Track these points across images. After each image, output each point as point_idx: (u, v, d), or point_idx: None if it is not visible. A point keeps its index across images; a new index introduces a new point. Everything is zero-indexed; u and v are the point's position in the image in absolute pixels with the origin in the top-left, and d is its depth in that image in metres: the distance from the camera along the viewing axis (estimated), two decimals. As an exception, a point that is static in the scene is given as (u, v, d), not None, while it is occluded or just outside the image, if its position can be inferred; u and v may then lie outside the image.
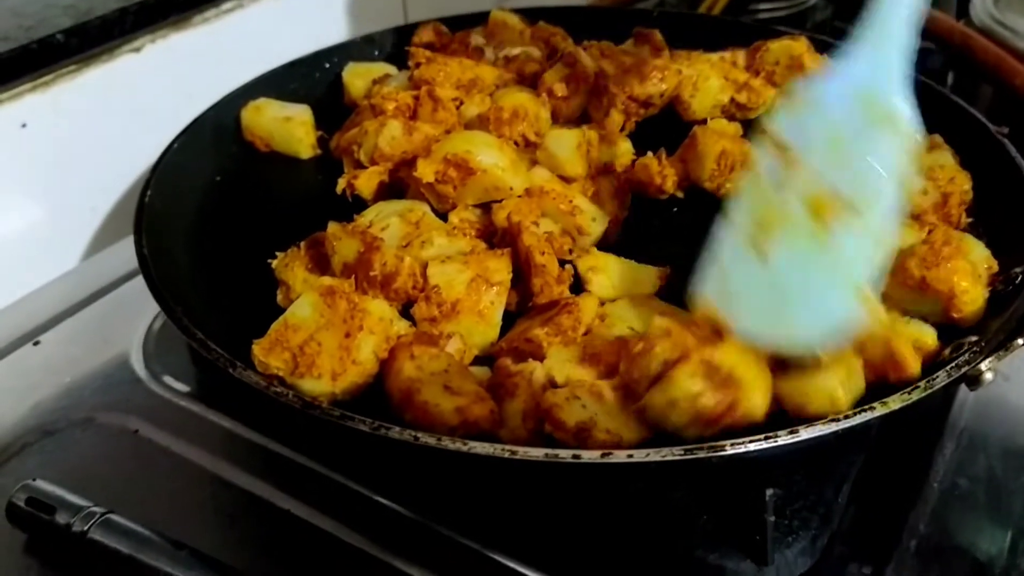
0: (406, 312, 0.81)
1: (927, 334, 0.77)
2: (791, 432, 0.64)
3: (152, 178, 0.95)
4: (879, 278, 0.70)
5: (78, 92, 1.08)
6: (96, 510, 0.73)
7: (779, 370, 0.70)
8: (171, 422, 0.87)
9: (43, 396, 0.90)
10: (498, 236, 0.86)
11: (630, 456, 0.63)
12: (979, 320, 0.79)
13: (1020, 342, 0.71)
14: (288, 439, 0.83)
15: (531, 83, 1.07)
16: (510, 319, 0.83)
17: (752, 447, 0.63)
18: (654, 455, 0.63)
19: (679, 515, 0.73)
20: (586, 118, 1.04)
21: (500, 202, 0.87)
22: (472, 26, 1.21)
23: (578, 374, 0.73)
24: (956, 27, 1.52)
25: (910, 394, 0.67)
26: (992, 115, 1.50)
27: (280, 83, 1.16)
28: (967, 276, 0.79)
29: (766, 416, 0.68)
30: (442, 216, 0.91)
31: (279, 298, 0.84)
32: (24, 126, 1.04)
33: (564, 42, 1.21)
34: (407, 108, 1.00)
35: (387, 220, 0.84)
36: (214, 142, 1.07)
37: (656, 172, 0.94)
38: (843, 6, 1.88)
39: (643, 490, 0.75)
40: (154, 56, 1.15)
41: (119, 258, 1.08)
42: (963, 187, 0.93)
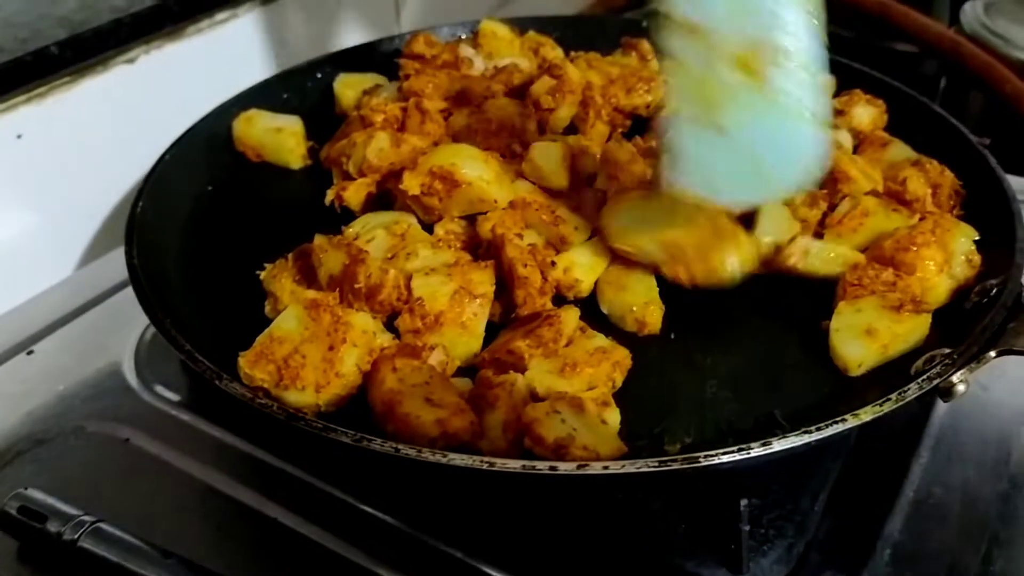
0: (392, 324, 0.82)
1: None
2: (763, 444, 0.65)
3: (144, 189, 0.96)
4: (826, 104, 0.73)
5: (73, 103, 1.09)
6: (87, 519, 0.74)
7: None
8: (162, 431, 0.88)
9: (36, 405, 0.92)
10: (483, 248, 0.87)
11: (606, 468, 0.64)
12: (942, 306, 0.83)
13: (992, 355, 0.73)
14: (276, 449, 0.85)
15: (519, 94, 1.09)
16: (494, 331, 0.84)
17: (725, 458, 0.65)
18: (629, 466, 0.64)
19: (656, 524, 0.75)
20: (573, 129, 1.05)
21: (485, 214, 0.89)
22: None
23: (559, 386, 0.75)
24: (947, 34, 1.53)
25: (881, 406, 0.68)
26: (982, 121, 1.52)
27: (272, 93, 1.18)
28: (934, 264, 0.83)
29: None
30: (428, 228, 0.92)
31: (267, 309, 0.86)
32: (19, 137, 1.05)
33: (553, 51, 1.22)
34: (395, 120, 1.01)
35: (373, 232, 0.85)
36: (206, 152, 1.08)
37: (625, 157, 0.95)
38: (836, 11, 1.89)
39: (621, 500, 0.76)
40: (148, 67, 1.16)
41: (112, 268, 1.09)
42: (953, 179, 0.95)
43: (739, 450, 0.65)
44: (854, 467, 0.81)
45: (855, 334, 0.78)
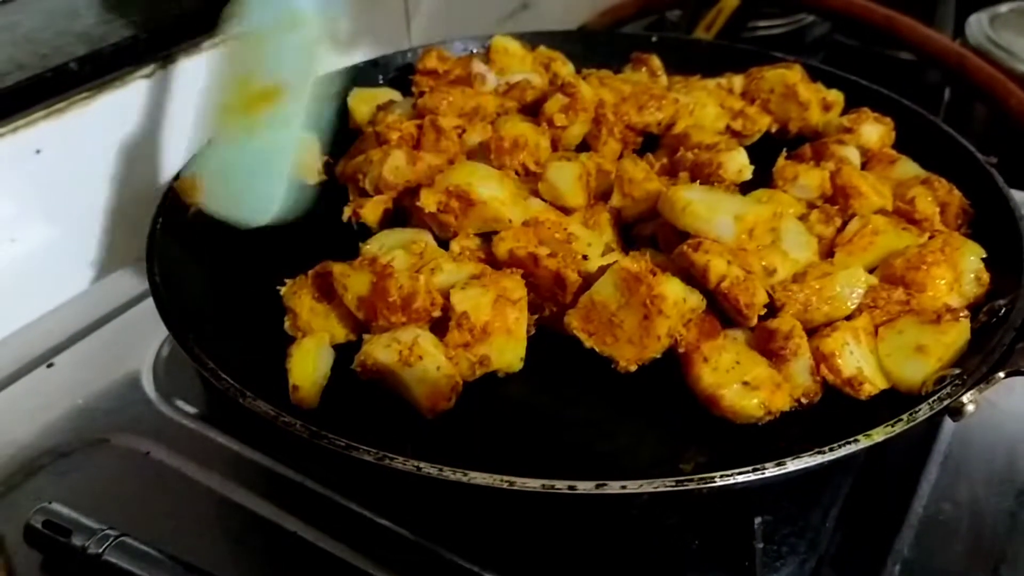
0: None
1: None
2: (778, 464, 0.67)
3: (162, 205, 0.98)
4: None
5: (91, 118, 1.11)
6: (111, 532, 0.76)
7: None
8: (182, 444, 0.89)
9: (56, 417, 0.93)
10: (502, 264, 0.88)
11: (623, 487, 0.65)
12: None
13: (1001, 375, 0.74)
14: (295, 463, 0.86)
15: (532, 110, 1.10)
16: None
17: (740, 478, 0.66)
18: (647, 486, 0.65)
19: (671, 540, 0.76)
20: (585, 146, 1.07)
21: (499, 233, 0.90)
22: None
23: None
24: (952, 47, 1.55)
25: (893, 426, 0.70)
26: (987, 135, 1.53)
27: (287, 108, 1.18)
28: (944, 283, 0.84)
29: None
30: (443, 244, 0.94)
31: (287, 325, 0.87)
32: (38, 152, 1.07)
33: (564, 67, 1.24)
34: (411, 137, 1.02)
35: (392, 253, 0.87)
36: (223, 168, 1.09)
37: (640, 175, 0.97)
38: (842, 22, 1.90)
39: (635, 516, 0.78)
40: (164, 82, 1.18)
41: (130, 281, 1.11)
42: (961, 198, 0.96)
43: (754, 470, 0.66)
44: (864, 483, 0.82)
45: (907, 354, 0.79)
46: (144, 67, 1.16)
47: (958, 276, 0.85)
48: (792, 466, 0.67)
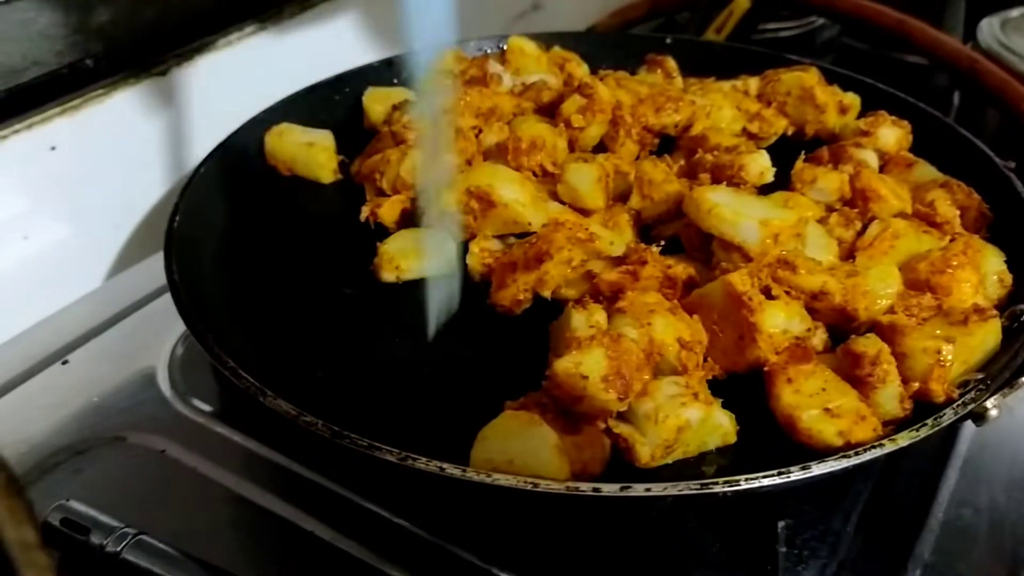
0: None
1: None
2: (803, 468, 0.66)
3: (180, 204, 0.97)
4: None
5: (106, 115, 1.10)
6: (128, 531, 0.75)
7: None
8: (197, 442, 0.89)
9: (71, 414, 0.93)
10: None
11: (648, 490, 0.65)
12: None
13: (1024, 381, 0.74)
14: (311, 462, 0.86)
15: (548, 111, 1.10)
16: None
17: (766, 482, 0.66)
18: (671, 489, 0.65)
19: (691, 543, 0.76)
20: (602, 147, 1.06)
21: (529, 235, 0.90)
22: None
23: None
24: (963, 51, 1.54)
25: (918, 431, 0.70)
26: (998, 140, 1.53)
27: (301, 107, 1.18)
28: (970, 286, 0.84)
29: None
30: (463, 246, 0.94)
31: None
32: (53, 148, 1.06)
33: (578, 68, 1.24)
34: (428, 137, 1.02)
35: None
36: (238, 167, 1.09)
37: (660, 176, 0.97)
38: (852, 25, 1.90)
39: (657, 519, 0.77)
40: (179, 80, 1.17)
41: (144, 277, 1.11)
42: (980, 201, 0.96)
43: (779, 474, 0.66)
44: (884, 488, 0.82)
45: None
46: (160, 65, 1.16)
47: (981, 278, 0.85)
48: (817, 470, 0.66)
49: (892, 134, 1.05)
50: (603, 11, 1.85)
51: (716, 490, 0.65)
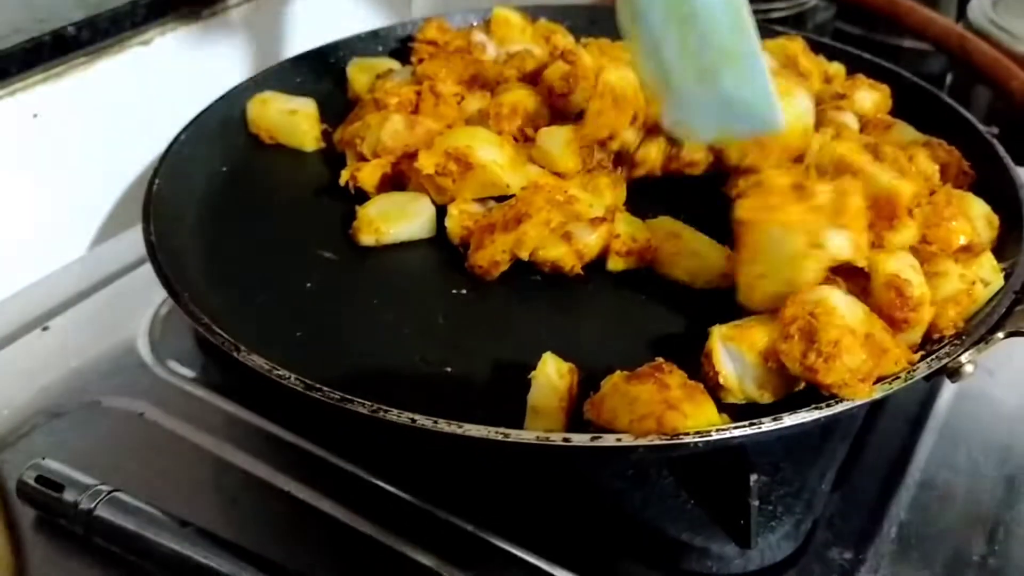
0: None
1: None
2: (774, 419, 0.66)
3: (160, 167, 0.97)
4: None
5: (89, 83, 1.10)
6: (103, 488, 0.75)
7: None
8: (176, 406, 0.89)
9: (51, 380, 0.93)
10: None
11: (619, 440, 0.65)
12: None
13: (1000, 336, 0.74)
14: (288, 423, 0.86)
15: (532, 80, 1.09)
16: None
17: (737, 432, 0.65)
18: (642, 439, 0.65)
19: (667, 501, 0.76)
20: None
21: (508, 199, 0.89)
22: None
23: None
24: (954, 29, 1.54)
25: (891, 384, 0.69)
26: (989, 117, 1.52)
27: (286, 77, 1.18)
28: (967, 235, 0.84)
29: None
30: (441, 208, 0.94)
31: None
32: (36, 116, 1.06)
33: (564, 39, 1.23)
34: (409, 103, 1.02)
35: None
36: (221, 134, 1.09)
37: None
38: (845, 8, 1.90)
39: (632, 477, 0.77)
40: (163, 49, 1.17)
41: (126, 246, 1.11)
42: (960, 158, 0.96)
43: (750, 425, 0.66)
44: (861, 449, 0.82)
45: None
46: (143, 34, 1.16)
47: (973, 224, 0.85)
48: (789, 421, 0.66)
49: (869, 97, 1.04)
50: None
51: (687, 440, 0.65)
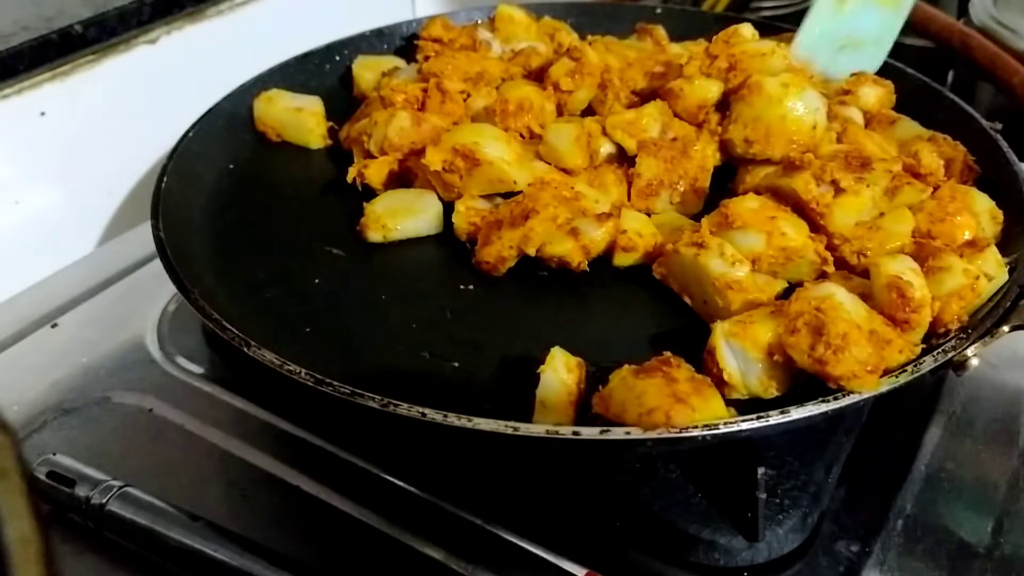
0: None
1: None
2: (782, 412, 0.67)
3: (168, 164, 0.98)
4: None
5: (95, 82, 1.11)
6: (114, 483, 0.76)
7: None
8: (184, 401, 0.89)
9: (61, 376, 0.93)
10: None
11: (628, 433, 0.65)
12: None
13: (1006, 329, 0.74)
14: (296, 418, 0.86)
15: (537, 77, 1.10)
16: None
17: (744, 426, 0.66)
18: (650, 432, 0.65)
19: (674, 493, 0.76)
20: (590, 112, 1.06)
21: (515, 195, 0.90)
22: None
23: None
24: (955, 26, 1.54)
25: (897, 377, 0.70)
26: (991, 113, 1.52)
27: (292, 75, 1.19)
28: (972, 230, 0.84)
29: None
30: (448, 206, 0.94)
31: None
32: (43, 114, 1.07)
33: (568, 36, 1.23)
34: (416, 100, 1.02)
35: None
36: (227, 131, 1.10)
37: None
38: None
39: (640, 471, 0.77)
40: (169, 47, 1.18)
41: (134, 244, 1.11)
42: (966, 153, 0.96)
43: (758, 418, 0.66)
44: (867, 442, 0.82)
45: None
46: (149, 32, 1.16)
47: (977, 219, 0.85)
48: (796, 414, 0.67)
49: (873, 92, 1.05)
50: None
51: (695, 434, 0.65)
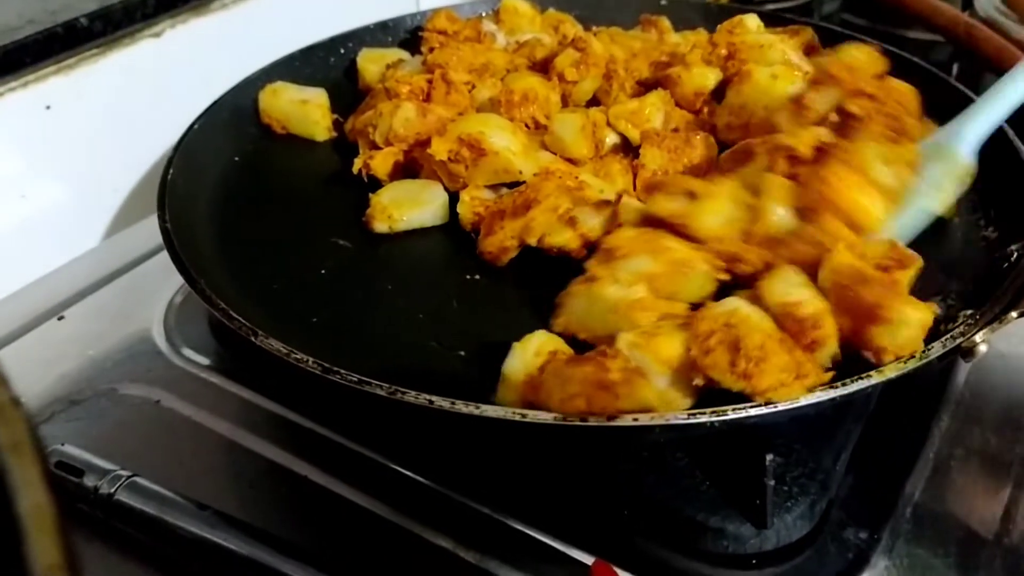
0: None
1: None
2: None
3: (174, 157, 0.98)
4: None
5: (101, 75, 1.11)
6: (123, 473, 0.76)
7: None
8: (191, 392, 0.90)
9: (68, 368, 0.93)
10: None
11: (635, 419, 0.65)
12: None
13: (1014, 315, 0.74)
14: (303, 408, 0.86)
15: (542, 68, 1.09)
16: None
17: (753, 411, 0.66)
18: (658, 419, 0.65)
19: (682, 481, 0.76)
20: (595, 102, 1.06)
21: (520, 185, 0.90)
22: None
23: None
24: (961, 18, 1.54)
25: (906, 363, 0.69)
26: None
27: (296, 67, 1.19)
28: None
29: None
30: (453, 196, 0.94)
31: None
32: (48, 108, 1.07)
33: (573, 28, 1.23)
34: (421, 91, 1.02)
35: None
36: (233, 124, 1.10)
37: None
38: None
39: (647, 459, 0.77)
40: (174, 41, 1.18)
41: (141, 237, 1.11)
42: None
43: (766, 403, 0.66)
44: (876, 429, 0.82)
45: None
46: (154, 26, 1.16)
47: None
48: (804, 400, 0.66)
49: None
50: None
51: (703, 420, 0.65)
